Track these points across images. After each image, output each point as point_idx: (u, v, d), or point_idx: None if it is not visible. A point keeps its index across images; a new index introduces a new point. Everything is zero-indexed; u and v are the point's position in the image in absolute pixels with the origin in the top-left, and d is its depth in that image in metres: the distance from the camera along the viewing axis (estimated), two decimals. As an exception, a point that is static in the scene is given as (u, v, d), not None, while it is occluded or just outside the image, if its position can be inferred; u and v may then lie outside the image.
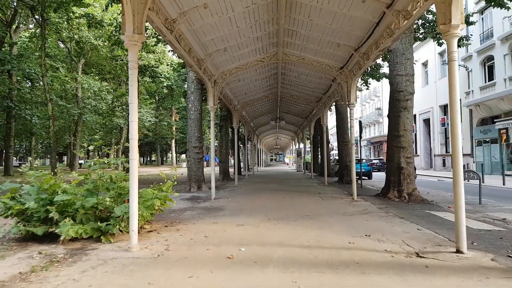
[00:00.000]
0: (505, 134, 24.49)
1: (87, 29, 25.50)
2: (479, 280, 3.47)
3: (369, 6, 6.74)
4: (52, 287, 3.41)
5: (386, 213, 7.75)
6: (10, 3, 20.95)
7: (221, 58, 9.87)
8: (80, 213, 5.16)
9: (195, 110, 13.19)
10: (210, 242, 5.12)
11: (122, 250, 4.70)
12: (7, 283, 3.55)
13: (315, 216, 7.40)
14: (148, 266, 4.03)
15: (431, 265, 3.99)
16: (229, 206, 9.15)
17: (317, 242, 5.09)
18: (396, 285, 3.36)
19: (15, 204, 5.17)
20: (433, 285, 3.36)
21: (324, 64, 10.62)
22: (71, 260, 4.30)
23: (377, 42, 7.74)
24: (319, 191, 13.00)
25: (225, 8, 7.17)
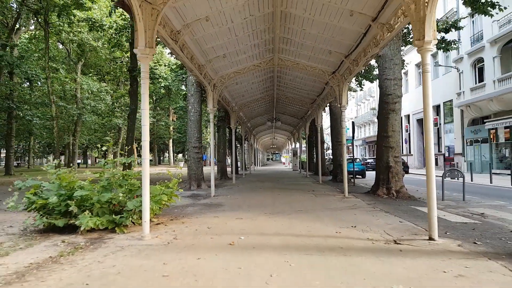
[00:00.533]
0: (495, 134, 25.28)
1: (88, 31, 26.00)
2: (442, 260, 4.12)
3: (356, 18, 7.39)
4: (81, 267, 4.02)
5: (373, 208, 8.41)
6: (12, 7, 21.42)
7: (220, 63, 10.50)
8: (96, 207, 5.77)
9: (194, 112, 13.80)
10: (213, 232, 5.75)
11: (135, 239, 5.31)
12: (42, 265, 4.15)
13: (308, 211, 8.05)
14: (161, 251, 4.66)
15: (405, 249, 4.65)
16: (228, 202, 9.78)
17: (308, 232, 5.73)
18: (372, 264, 4.01)
19: (38, 199, 5.77)
20: (403, 264, 4.00)
21: (317, 69, 11.27)
22: (92, 247, 4.91)
23: (365, 50, 8.40)
24: (313, 189, 13.67)
25: (225, 20, 7.80)
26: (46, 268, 4.03)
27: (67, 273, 3.82)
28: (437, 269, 3.78)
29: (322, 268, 3.86)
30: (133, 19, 5.39)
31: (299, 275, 3.63)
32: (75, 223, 5.58)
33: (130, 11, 6.48)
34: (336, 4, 7.10)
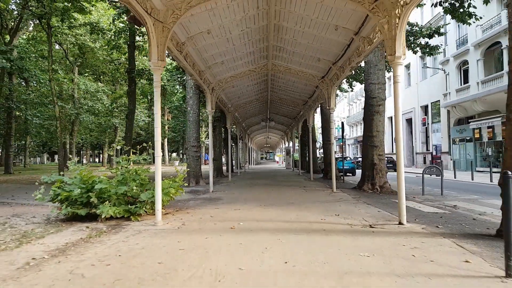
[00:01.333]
0: (479, 133, 26.46)
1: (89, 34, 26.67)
2: (404, 238, 5.07)
3: (341, 32, 8.33)
4: (110, 245, 4.90)
5: (357, 201, 9.38)
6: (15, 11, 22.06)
7: (218, 69, 11.38)
8: (113, 198, 6.64)
9: (193, 113, 14.67)
10: (216, 220, 6.65)
11: (149, 225, 6.20)
12: (76, 244, 5.02)
13: (298, 203, 8.99)
14: (173, 233, 5.55)
15: (377, 231, 5.59)
16: (226, 197, 10.68)
17: (297, 219, 6.66)
18: (347, 240, 4.94)
19: (62, 191, 6.62)
20: (372, 240, 4.94)
21: (308, 74, 12.21)
22: (114, 231, 5.79)
23: (349, 59, 9.36)
24: (304, 185, 14.63)
25: (224, 32, 8.69)
26: (81, 246, 4.90)
27: (100, 249, 4.71)
28: (398, 244, 4.73)
29: (306, 243, 4.79)
30: (137, 27, 6.24)
31: (287, 248, 4.56)
32: (96, 212, 6.44)
33: (140, 25, 7.36)
34: (323, 20, 8.03)
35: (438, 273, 3.56)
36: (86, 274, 3.68)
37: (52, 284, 3.41)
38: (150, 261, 4.06)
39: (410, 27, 17.49)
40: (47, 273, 3.73)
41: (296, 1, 7.61)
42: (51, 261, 4.17)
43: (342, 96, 59.29)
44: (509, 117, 5.32)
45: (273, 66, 12.33)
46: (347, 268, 3.71)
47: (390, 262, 3.90)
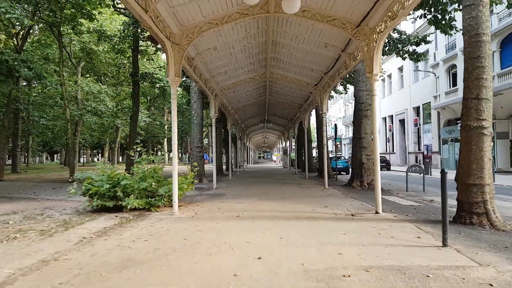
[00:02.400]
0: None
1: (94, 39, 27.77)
2: (376, 223, 6.31)
3: (330, 48, 9.58)
4: (140, 228, 6.11)
5: (345, 196, 10.64)
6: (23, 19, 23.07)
7: (221, 77, 12.59)
8: (136, 192, 7.85)
9: (197, 116, 15.87)
10: (223, 210, 7.88)
11: (168, 214, 7.41)
12: (112, 228, 6.22)
13: (293, 197, 10.23)
14: (190, 220, 6.77)
15: (356, 218, 6.84)
16: (229, 193, 11.90)
17: (291, 210, 7.90)
18: (330, 224, 6.18)
19: (92, 187, 7.83)
20: (351, 224, 6.18)
21: (303, 81, 13.44)
22: (139, 219, 7.00)
23: (338, 71, 10.60)
24: (300, 182, 15.88)
25: (228, 47, 9.91)
26: (116, 229, 6.11)
27: (134, 231, 5.92)
28: (370, 226, 5.98)
29: (297, 226, 6.03)
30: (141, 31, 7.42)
31: (282, 229, 5.79)
32: (122, 204, 7.65)
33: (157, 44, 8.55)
34: (314, 38, 9.26)
35: (394, 244, 4.81)
36: (131, 246, 4.90)
37: (108, 252, 4.63)
38: (177, 238, 5.29)
39: (399, 35, 18.80)
40: (99, 246, 4.95)
41: (291, 23, 8.83)
42: (98, 239, 5.39)
43: (338, 97, 60.54)
44: (463, 125, 6.57)
45: (271, 74, 13.56)
46: (327, 241, 4.95)
47: (360, 237, 5.15)
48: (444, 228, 4.69)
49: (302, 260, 4.04)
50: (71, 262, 4.20)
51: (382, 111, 44.62)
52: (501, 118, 24.44)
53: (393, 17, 6.31)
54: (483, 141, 6.30)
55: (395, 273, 3.58)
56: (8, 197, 11.79)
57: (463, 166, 6.51)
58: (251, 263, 3.99)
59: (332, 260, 4.06)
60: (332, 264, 3.90)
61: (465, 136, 6.52)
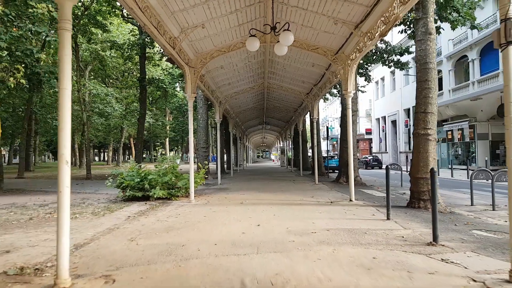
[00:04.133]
0: (451, 135, 29.84)
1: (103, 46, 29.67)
2: (347, 207, 8.30)
3: (317, 67, 11.57)
4: (168, 211, 8.06)
5: (330, 189, 12.64)
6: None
7: (226, 88, 14.57)
8: (159, 185, 9.81)
9: (203, 120, 17.84)
10: (229, 199, 9.86)
11: (186, 202, 9.39)
12: (146, 212, 8.18)
13: (287, 190, 12.23)
14: (204, 206, 8.75)
15: (333, 204, 8.82)
16: (232, 187, 13.89)
17: (284, 199, 9.89)
18: (312, 207, 8.16)
19: (125, 180, 9.79)
20: (327, 207, 8.16)
21: (296, 90, 15.44)
22: (165, 205, 8.97)
23: (325, 84, 12.60)
24: (294, 179, 17.89)
25: (232, 65, 11.90)
26: (150, 211, 8.09)
27: (164, 212, 7.89)
28: (341, 209, 7.97)
29: (287, 209, 8.03)
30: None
31: (276, 210, 7.78)
32: (148, 194, 9.62)
33: (174, 63, 10.51)
34: (304, 59, 11.25)
35: (352, 218, 6.81)
36: (167, 220, 6.87)
37: (152, 223, 6.60)
38: (198, 216, 7.27)
39: (385, 45, 20.83)
40: (144, 221, 6.91)
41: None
42: (140, 217, 7.36)
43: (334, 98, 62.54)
44: (414, 133, 8.56)
45: (268, 84, 15.54)
46: (307, 216, 6.94)
47: (330, 215, 7.14)
48: (387, 207, 6.70)
49: (288, 226, 6.03)
50: (130, 229, 6.17)
51: (375, 112, 46.67)
52: (481, 121, 26.46)
53: (360, 50, 8.28)
54: (429, 145, 8.29)
55: (345, 231, 5.57)
56: (42, 191, 13.78)
57: (414, 164, 8.50)
58: (253, 228, 5.98)
59: (307, 226, 6.04)
60: (306, 228, 5.89)
61: (415, 141, 8.52)
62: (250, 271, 3.69)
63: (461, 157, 28.83)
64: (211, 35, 8.81)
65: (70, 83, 3.46)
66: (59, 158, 3.43)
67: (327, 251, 4.46)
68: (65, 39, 3.45)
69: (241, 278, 3.51)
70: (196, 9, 7.20)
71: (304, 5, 7.66)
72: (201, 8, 7.23)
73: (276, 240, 5.06)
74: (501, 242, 4.99)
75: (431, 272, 3.67)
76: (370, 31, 7.43)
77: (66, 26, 3.44)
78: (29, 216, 7.85)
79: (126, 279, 3.58)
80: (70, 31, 3.46)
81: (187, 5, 6.93)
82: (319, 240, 5.02)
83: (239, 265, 3.92)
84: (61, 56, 3.43)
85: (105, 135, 48.84)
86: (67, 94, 3.46)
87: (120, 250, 4.68)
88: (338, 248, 4.57)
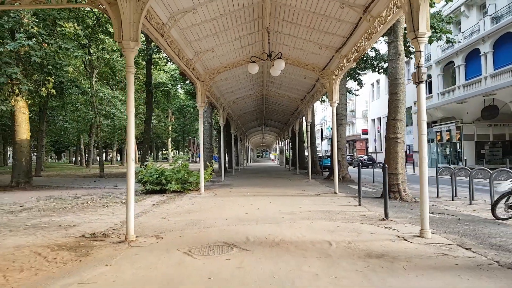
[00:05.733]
0: (440, 135, 31.64)
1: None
2: (330, 197, 10.10)
3: (308, 79, 13.38)
4: (185, 201, 9.86)
5: (321, 184, 14.45)
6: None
7: (229, 95, 16.38)
8: (174, 180, 11.61)
9: (207, 123, 19.66)
10: (233, 192, 11.67)
11: (197, 194, 11.19)
12: (165, 201, 9.98)
13: (282, 186, 14.04)
14: (213, 197, 10.55)
15: (320, 195, 10.63)
16: (234, 183, 15.69)
17: (280, 192, 11.70)
18: (301, 198, 9.96)
19: (145, 176, 11.59)
20: (314, 198, 9.95)
21: (291, 97, 17.25)
22: (180, 197, 10.77)
23: (316, 92, 14.41)
24: (290, 177, 19.71)
25: (235, 77, 13.72)
26: (170, 201, 9.89)
27: (181, 201, 9.70)
28: (325, 199, 9.78)
29: (281, 198, 9.85)
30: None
31: (272, 200, 9.59)
32: (165, 188, 11.41)
33: (185, 76, 12.31)
34: (297, 72, 13.07)
35: (332, 204, 8.62)
36: (185, 206, 8.68)
37: (174, 208, 8.39)
38: (210, 203, 9.08)
39: (375, 53, 22.68)
40: (167, 207, 8.72)
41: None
42: (163, 204, 9.17)
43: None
44: (386, 137, 10.36)
45: (267, 91, 17.36)
46: (296, 203, 8.75)
47: (315, 202, 8.95)
48: (359, 196, 8.51)
49: (280, 209, 7.84)
50: (158, 212, 7.97)
51: (371, 113, 48.44)
52: (467, 122, 28.24)
53: (341, 69, 10.09)
54: (397, 147, 10.09)
55: (322, 212, 7.38)
56: (67, 187, 15.58)
57: (386, 162, 10.28)
58: (253, 210, 7.79)
59: (295, 209, 7.85)
60: (294, 210, 7.71)
61: (387, 144, 10.32)
62: (252, 233, 5.51)
63: (450, 156, 30.62)
64: (219, 56, 10.62)
65: (133, 108, 5.25)
66: (128, 157, 5.28)
67: (306, 223, 6.27)
68: (131, 81, 5.24)
69: (246, 235, 5.33)
70: (207, 38, 9.01)
71: (294, 33, 9.48)
72: (211, 38, 9.04)
73: (270, 217, 6.88)
74: (435, 219, 6.81)
75: (373, 232, 5.49)
76: (347, 55, 9.24)
77: (131, 71, 5.24)
78: (71, 205, 9.65)
79: (169, 237, 5.39)
80: (133, 73, 5.26)
81: (201, 36, 8.74)
82: (301, 217, 6.84)
83: (244, 230, 5.73)
84: (129, 91, 5.22)
85: (110, 135, 50.69)
86: (132, 116, 5.25)
87: (157, 224, 6.50)
88: (314, 222, 6.38)
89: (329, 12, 7.73)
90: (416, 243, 4.83)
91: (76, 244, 5.15)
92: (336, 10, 7.50)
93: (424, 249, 4.52)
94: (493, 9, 24.39)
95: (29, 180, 15.35)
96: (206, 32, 8.62)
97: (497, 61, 23.61)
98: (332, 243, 4.80)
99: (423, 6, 5.06)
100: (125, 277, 3.65)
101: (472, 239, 5.12)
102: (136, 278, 3.62)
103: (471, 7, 27.14)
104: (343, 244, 4.78)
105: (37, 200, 10.77)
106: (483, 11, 26.33)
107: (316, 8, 7.74)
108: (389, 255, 4.22)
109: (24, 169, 15.03)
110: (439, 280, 3.42)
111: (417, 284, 3.33)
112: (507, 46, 22.81)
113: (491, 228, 6.02)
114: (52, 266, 4.08)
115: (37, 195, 11.96)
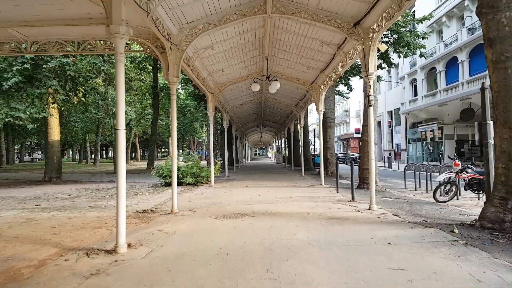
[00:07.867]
0: (425, 135, 34.20)
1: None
2: (317, 188, 12.58)
3: (299, 90, 15.85)
4: (199, 191, 12.32)
5: (312, 179, 16.95)
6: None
7: (232, 101, 18.83)
8: (188, 174, 14.05)
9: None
10: (238, 185, 14.13)
11: (209, 186, 13.64)
12: (184, 191, 12.42)
13: (279, 180, 16.53)
14: (222, 188, 13.01)
15: (309, 187, 13.12)
16: (237, 178, 18.16)
17: (276, 184, 14.18)
18: (294, 189, 12.44)
19: (164, 171, 14.03)
20: (304, 189, 12.43)
21: (287, 102, 19.73)
22: (194, 188, 13.21)
23: (306, 101, 16.88)
24: (286, 173, 22.22)
25: (238, 87, 16.15)
26: (187, 191, 12.34)
27: (196, 191, 12.15)
28: (312, 190, 12.27)
29: (277, 189, 12.33)
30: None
31: (269, 190, 12.07)
32: (182, 181, 13.84)
33: (197, 89, 14.72)
34: (291, 83, 15.52)
35: (316, 193, 11.10)
36: (202, 194, 11.14)
37: (194, 195, 10.85)
38: (221, 193, 11.55)
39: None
40: (187, 195, 11.17)
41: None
42: (183, 194, 11.61)
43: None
44: (361, 139, 12.85)
45: (265, 97, 19.82)
46: (289, 192, 11.23)
47: (304, 192, 11.44)
48: (337, 186, 11.01)
49: (276, 195, 10.31)
50: (182, 198, 10.41)
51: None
52: (448, 123, 30.79)
53: (326, 85, 12.55)
54: (370, 147, 12.55)
55: (308, 198, 9.86)
56: (94, 181, 18.00)
57: (361, 160, 12.79)
58: (256, 196, 10.26)
59: (287, 195, 10.33)
60: (287, 196, 10.18)
61: (362, 144, 12.82)
62: (256, 209, 7.98)
63: (433, 154, 33.21)
64: (226, 73, 13.06)
65: (176, 121, 7.69)
66: (172, 154, 7.74)
67: (295, 203, 8.76)
68: (173, 105, 7.68)
69: (252, 210, 7.81)
70: (219, 63, 11.47)
71: (287, 58, 11.95)
72: (222, 62, 11.50)
73: (269, 200, 9.37)
74: (390, 201, 9.31)
75: (339, 208, 7.98)
76: (329, 75, 11.73)
77: (174, 97, 7.68)
78: (109, 194, 12.09)
79: (199, 211, 7.86)
80: (175, 99, 7.69)
81: (214, 62, 11.21)
82: (292, 200, 9.34)
83: (250, 207, 8.22)
84: (172, 112, 7.66)
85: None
86: (174, 128, 7.68)
87: (187, 204, 8.97)
88: (301, 203, 8.87)
89: (313, 46, 10.21)
90: (365, 212, 7.34)
91: (137, 216, 7.60)
92: (318, 45, 9.97)
93: (368, 215, 7.03)
94: (469, 21, 26.94)
95: (60, 176, 17.74)
96: (219, 59, 11.08)
97: (473, 69, 26.18)
98: (309, 213, 7.31)
99: (372, 55, 7.53)
100: (182, 228, 6.13)
101: (405, 212, 7.61)
102: (190, 228, 6.10)
103: (451, 18, 29.66)
104: (317, 214, 7.27)
105: (78, 191, 13.21)
106: (461, 22, 28.86)
107: (304, 43, 10.21)
108: (343, 218, 6.72)
109: (55, 166, 17.43)
110: (366, 226, 5.92)
111: (353, 228, 5.83)
112: (480, 56, 25.32)
113: (426, 206, 8.52)
114: (132, 225, 6.53)
115: (74, 188, 14.39)
